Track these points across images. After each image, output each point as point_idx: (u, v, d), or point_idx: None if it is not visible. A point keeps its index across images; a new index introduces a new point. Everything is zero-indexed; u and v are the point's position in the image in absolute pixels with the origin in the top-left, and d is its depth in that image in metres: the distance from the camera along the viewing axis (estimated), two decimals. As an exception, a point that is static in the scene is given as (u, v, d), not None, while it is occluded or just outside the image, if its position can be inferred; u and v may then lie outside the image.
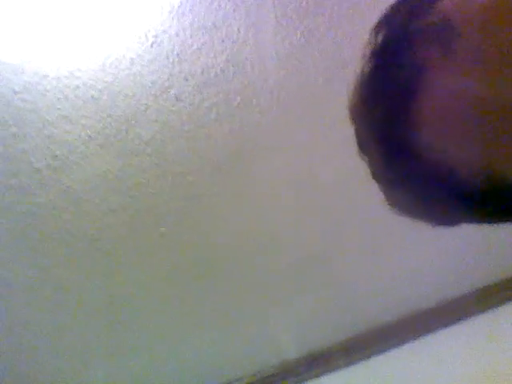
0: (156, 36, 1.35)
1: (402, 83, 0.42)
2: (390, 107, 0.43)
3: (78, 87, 1.30)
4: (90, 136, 1.36)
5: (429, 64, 0.41)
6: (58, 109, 1.31)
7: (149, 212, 1.50)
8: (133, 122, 1.38)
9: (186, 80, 1.40)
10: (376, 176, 0.48)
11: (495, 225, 0.47)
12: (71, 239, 1.46)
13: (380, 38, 0.44)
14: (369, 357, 1.73)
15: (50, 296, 1.51)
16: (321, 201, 1.61)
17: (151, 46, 1.35)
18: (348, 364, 1.72)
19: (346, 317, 1.74)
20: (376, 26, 0.45)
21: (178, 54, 1.38)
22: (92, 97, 1.33)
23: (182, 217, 1.53)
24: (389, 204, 0.49)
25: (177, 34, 1.37)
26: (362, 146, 0.48)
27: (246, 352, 1.73)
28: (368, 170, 0.48)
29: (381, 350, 1.73)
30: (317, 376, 1.75)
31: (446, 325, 1.74)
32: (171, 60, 1.38)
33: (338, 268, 1.69)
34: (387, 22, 0.45)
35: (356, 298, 1.73)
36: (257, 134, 1.51)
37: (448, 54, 0.40)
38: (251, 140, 1.51)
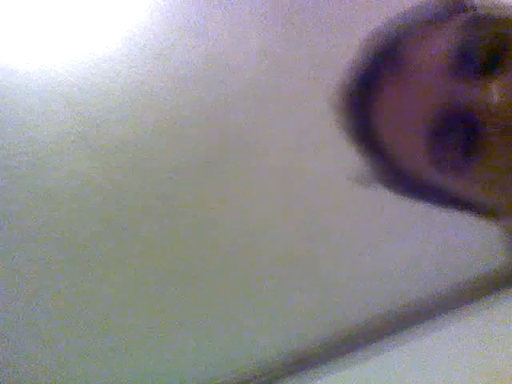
0: (132, 32, 1.33)
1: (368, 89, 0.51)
2: (358, 105, 0.52)
3: (48, 83, 1.28)
4: (61, 133, 1.33)
5: (385, 82, 0.50)
6: (28, 105, 1.29)
7: (126, 211, 1.48)
8: (106, 119, 1.36)
9: (164, 77, 1.37)
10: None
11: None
12: (47, 240, 1.44)
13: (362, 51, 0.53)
14: (357, 357, 1.73)
15: (29, 300, 1.49)
16: (307, 198, 1.60)
17: (127, 42, 1.33)
18: (334, 365, 1.72)
19: (332, 316, 1.76)
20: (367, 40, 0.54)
21: (154, 51, 1.35)
22: (63, 93, 1.30)
23: (161, 216, 1.52)
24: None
25: (153, 31, 1.34)
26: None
27: (228, 353, 1.73)
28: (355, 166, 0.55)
29: (369, 350, 1.73)
30: (302, 376, 1.74)
31: (437, 322, 1.75)
32: (148, 56, 1.35)
33: (326, 267, 1.69)
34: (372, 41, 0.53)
35: (343, 298, 1.74)
36: (239, 132, 1.49)
37: (398, 75, 0.49)
38: (234, 138, 1.49)
